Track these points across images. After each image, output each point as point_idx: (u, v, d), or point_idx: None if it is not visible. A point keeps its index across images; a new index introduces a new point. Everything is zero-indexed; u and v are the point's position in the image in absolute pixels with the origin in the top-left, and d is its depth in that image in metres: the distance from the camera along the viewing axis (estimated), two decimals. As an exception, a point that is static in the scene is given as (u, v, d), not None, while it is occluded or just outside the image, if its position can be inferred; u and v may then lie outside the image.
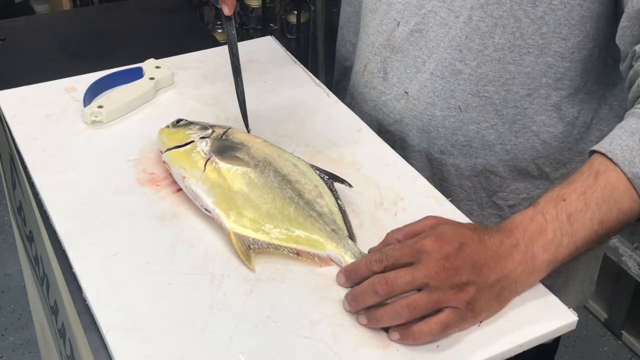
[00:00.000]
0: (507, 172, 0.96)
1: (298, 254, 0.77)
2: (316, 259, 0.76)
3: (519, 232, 0.70)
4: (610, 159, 0.72)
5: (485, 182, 0.97)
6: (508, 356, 0.69)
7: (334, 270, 0.76)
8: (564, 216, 0.69)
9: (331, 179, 0.83)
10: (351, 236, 0.78)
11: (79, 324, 0.72)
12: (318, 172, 0.83)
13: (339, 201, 0.81)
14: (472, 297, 0.67)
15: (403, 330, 0.68)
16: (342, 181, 0.83)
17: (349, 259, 0.75)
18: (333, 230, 0.78)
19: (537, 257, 0.69)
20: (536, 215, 0.71)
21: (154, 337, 0.68)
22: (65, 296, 0.78)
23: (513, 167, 0.96)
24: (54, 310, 0.95)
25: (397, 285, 0.67)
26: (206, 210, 0.80)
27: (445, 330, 0.68)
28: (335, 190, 0.82)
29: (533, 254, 0.69)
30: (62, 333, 0.91)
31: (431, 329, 0.67)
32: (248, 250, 0.76)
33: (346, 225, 0.79)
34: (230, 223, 0.78)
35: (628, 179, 0.70)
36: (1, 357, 1.96)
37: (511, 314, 0.71)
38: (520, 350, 0.69)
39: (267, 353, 0.67)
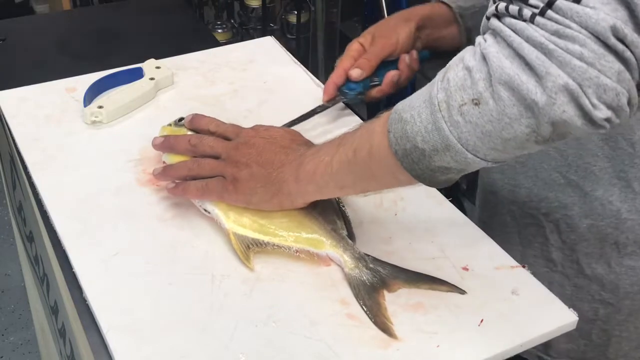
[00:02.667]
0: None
1: (297, 252, 0.76)
2: (315, 257, 0.76)
3: (311, 149, 0.76)
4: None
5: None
6: (508, 356, 0.69)
7: (334, 270, 0.76)
8: (337, 141, 0.73)
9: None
10: (351, 236, 0.78)
11: (79, 324, 0.72)
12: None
13: (338, 200, 0.81)
14: (241, 176, 0.76)
15: (181, 183, 0.80)
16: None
17: (347, 259, 0.75)
18: (332, 229, 0.78)
19: (303, 165, 0.74)
20: (329, 141, 0.75)
21: (154, 337, 0.68)
22: (65, 296, 0.78)
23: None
24: (54, 310, 0.95)
25: (205, 150, 0.80)
26: (205, 210, 0.80)
27: (205, 192, 0.78)
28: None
29: (302, 162, 0.75)
30: (62, 333, 0.91)
31: (196, 186, 0.78)
32: (247, 250, 0.76)
33: (346, 225, 0.79)
34: (230, 223, 0.78)
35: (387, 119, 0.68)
36: (1, 357, 1.95)
37: (511, 314, 0.71)
38: (521, 350, 0.69)
39: (267, 353, 0.67)
